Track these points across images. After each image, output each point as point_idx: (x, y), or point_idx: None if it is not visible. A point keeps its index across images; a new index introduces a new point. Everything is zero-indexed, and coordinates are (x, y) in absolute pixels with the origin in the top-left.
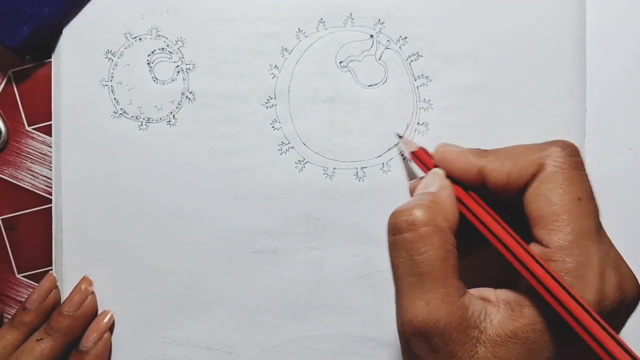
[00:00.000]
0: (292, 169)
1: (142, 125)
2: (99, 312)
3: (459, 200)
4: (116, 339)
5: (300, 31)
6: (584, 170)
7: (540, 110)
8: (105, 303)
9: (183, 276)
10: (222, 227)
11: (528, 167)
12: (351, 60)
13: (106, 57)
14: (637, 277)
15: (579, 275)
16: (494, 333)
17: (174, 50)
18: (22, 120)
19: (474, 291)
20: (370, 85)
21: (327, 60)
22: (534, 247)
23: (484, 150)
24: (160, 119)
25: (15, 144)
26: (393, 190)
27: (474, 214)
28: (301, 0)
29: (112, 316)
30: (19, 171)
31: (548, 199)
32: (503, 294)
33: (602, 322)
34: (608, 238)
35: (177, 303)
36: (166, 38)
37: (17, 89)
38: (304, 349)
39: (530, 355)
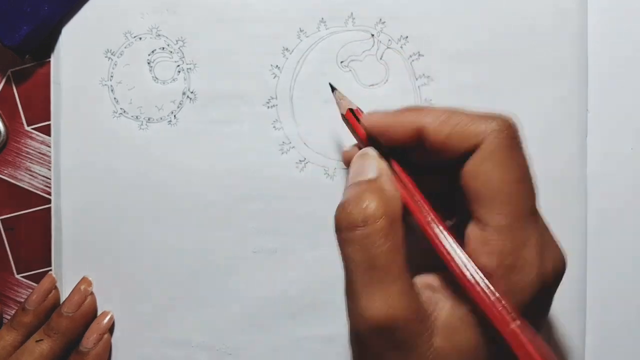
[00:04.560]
0: (293, 169)
1: (142, 125)
2: (99, 312)
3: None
4: (116, 339)
5: (301, 31)
6: (523, 150)
7: (541, 110)
8: (105, 303)
9: (183, 276)
10: (223, 227)
11: (469, 137)
12: (352, 60)
13: (106, 57)
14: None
15: (521, 256)
16: (446, 320)
17: (174, 49)
18: (22, 120)
19: (418, 280)
20: (372, 85)
21: (328, 60)
22: (473, 227)
23: (419, 107)
24: (161, 118)
25: (15, 144)
26: None
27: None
28: (302, 0)
29: (112, 317)
30: (18, 171)
31: (488, 178)
32: (445, 278)
33: (519, 330)
34: (542, 217)
35: (177, 303)
36: (166, 37)
37: (17, 89)
38: (304, 350)
39: (478, 340)
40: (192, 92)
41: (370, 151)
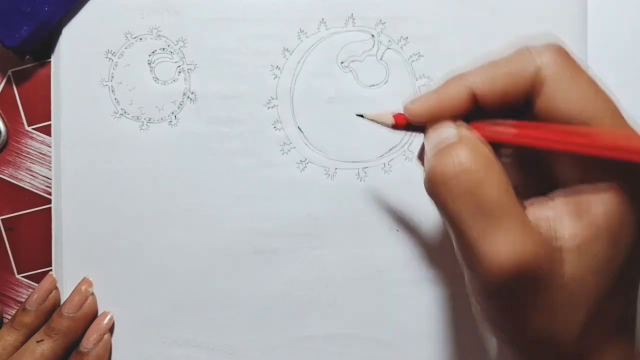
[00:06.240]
0: (293, 169)
1: (143, 125)
2: (99, 313)
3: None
4: (116, 339)
5: (301, 31)
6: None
7: None
8: (105, 304)
9: (184, 277)
10: (223, 228)
11: (524, 76)
12: (352, 61)
13: (106, 57)
14: None
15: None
16: (571, 243)
17: (174, 50)
18: (22, 120)
19: (529, 213)
20: (372, 86)
21: (328, 61)
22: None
23: (457, 75)
24: (162, 119)
25: (15, 144)
26: (394, 190)
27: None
28: (302, 0)
29: (112, 317)
30: (19, 171)
31: (567, 98)
32: (559, 196)
33: None
34: None
35: (178, 303)
36: (167, 38)
37: (17, 89)
38: (305, 350)
39: (615, 244)
40: (192, 93)
41: (442, 122)
